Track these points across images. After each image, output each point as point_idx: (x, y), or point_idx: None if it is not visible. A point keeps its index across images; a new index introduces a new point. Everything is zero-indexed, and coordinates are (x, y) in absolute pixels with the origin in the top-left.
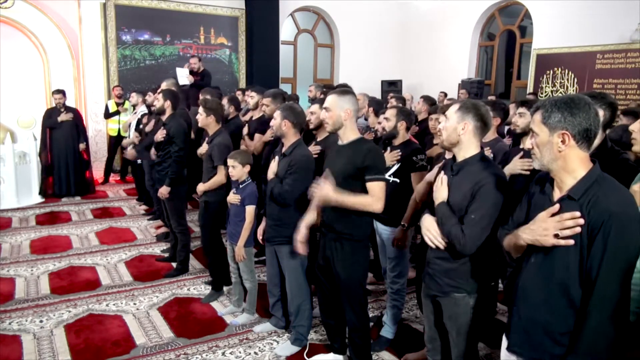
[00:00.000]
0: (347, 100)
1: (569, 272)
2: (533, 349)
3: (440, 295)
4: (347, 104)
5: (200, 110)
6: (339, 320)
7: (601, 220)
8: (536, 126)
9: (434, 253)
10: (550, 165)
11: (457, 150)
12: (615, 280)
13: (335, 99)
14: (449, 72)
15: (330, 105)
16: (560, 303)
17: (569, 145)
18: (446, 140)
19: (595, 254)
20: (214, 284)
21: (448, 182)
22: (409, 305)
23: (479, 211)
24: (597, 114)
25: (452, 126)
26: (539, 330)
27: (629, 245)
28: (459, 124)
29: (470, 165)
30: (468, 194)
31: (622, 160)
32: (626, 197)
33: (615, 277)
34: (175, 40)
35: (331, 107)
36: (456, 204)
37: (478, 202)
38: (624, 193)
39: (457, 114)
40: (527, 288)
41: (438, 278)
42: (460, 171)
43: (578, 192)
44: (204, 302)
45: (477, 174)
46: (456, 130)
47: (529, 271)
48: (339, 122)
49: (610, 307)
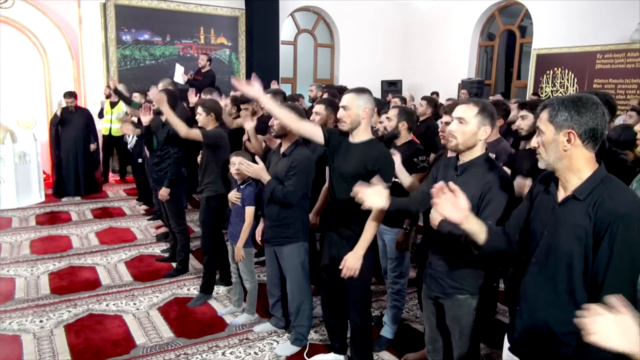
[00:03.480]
0: (365, 99)
1: (573, 272)
2: (536, 349)
3: (443, 296)
4: (365, 102)
5: (199, 110)
6: (341, 319)
7: (608, 222)
8: (542, 124)
9: (435, 254)
10: (556, 164)
11: (466, 152)
12: (622, 281)
13: (354, 97)
14: (449, 72)
15: (348, 103)
16: (564, 303)
17: (574, 144)
18: (462, 144)
19: (601, 255)
20: (204, 285)
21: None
22: (409, 305)
23: (493, 216)
24: (605, 114)
25: (472, 131)
26: (542, 330)
27: (636, 246)
28: (479, 129)
29: (476, 166)
30: (476, 195)
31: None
32: (632, 198)
33: (622, 278)
34: (175, 40)
35: (349, 106)
36: None
37: (491, 206)
38: (630, 194)
39: (477, 118)
40: (530, 288)
41: (440, 279)
42: (465, 172)
43: (584, 193)
44: (190, 306)
45: (484, 175)
46: (476, 135)
47: (531, 271)
48: (356, 121)
49: None
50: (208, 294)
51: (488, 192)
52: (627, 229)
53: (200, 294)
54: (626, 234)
